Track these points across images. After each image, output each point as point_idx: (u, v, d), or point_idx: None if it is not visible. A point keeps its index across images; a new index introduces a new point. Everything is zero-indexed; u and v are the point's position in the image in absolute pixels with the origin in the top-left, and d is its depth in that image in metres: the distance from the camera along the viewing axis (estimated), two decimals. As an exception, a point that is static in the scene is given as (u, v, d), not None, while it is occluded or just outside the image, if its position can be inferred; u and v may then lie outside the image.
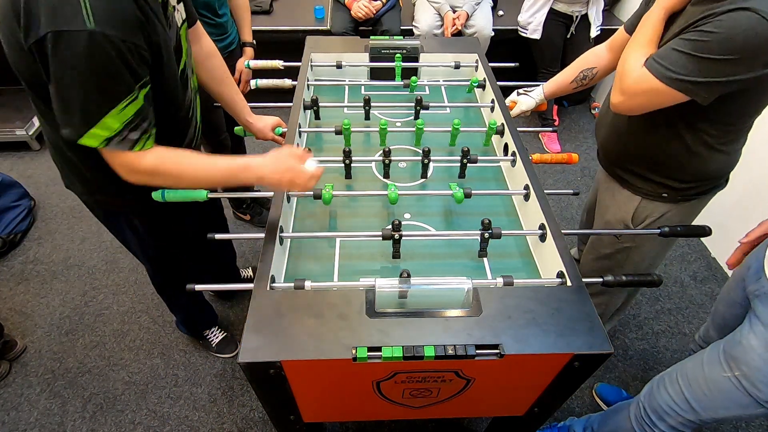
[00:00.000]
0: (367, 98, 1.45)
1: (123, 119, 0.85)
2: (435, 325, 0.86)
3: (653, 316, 2.04)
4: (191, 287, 1.00)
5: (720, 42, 0.87)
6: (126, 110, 0.84)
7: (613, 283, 0.98)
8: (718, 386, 1.04)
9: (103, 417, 1.66)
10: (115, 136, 0.85)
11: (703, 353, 1.11)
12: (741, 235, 1.13)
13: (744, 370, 0.99)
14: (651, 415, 1.18)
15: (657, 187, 1.22)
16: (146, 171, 0.93)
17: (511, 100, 1.54)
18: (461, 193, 1.14)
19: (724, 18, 0.86)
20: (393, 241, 1.07)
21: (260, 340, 0.83)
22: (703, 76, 0.91)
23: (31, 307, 2.01)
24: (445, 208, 1.26)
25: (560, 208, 2.57)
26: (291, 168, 0.98)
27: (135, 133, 0.88)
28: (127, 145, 0.87)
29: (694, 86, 0.93)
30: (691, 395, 1.09)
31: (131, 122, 0.86)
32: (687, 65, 0.92)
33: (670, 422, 1.14)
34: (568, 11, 2.61)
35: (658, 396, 1.17)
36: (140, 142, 0.89)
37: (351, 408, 1.07)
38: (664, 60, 0.95)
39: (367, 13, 2.60)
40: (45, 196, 2.54)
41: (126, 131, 0.86)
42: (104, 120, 0.83)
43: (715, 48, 0.87)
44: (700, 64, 0.90)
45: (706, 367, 1.07)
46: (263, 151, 1.07)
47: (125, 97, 0.83)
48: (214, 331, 1.85)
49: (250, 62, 1.73)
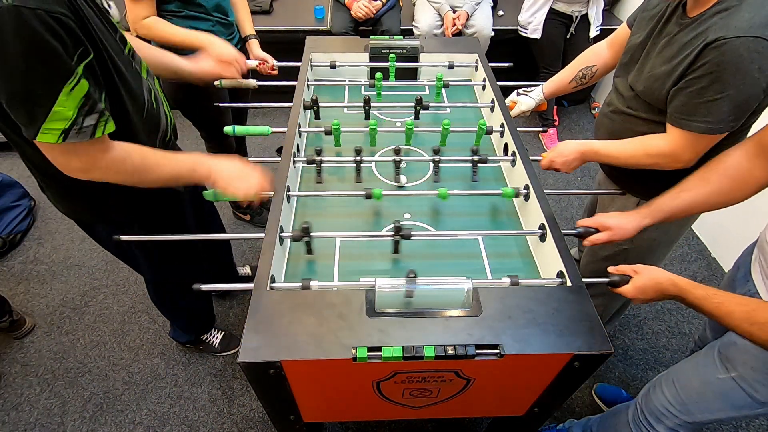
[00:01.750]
0: (367, 98, 1.45)
1: (74, 104, 0.79)
2: (435, 325, 0.86)
3: (653, 316, 2.04)
4: (197, 287, 0.99)
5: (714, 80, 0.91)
6: (74, 93, 0.78)
7: (618, 283, 0.98)
8: (713, 388, 1.04)
9: (103, 417, 1.66)
10: (71, 126, 0.79)
11: (698, 355, 1.11)
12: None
13: (740, 371, 0.99)
14: (648, 417, 1.18)
15: (657, 188, 1.22)
16: (108, 166, 0.89)
17: (510, 101, 1.54)
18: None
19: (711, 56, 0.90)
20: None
21: (260, 340, 0.83)
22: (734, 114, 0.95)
23: (31, 307, 2.01)
24: (445, 209, 1.26)
25: (560, 208, 2.57)
26: (241, 176, 1.05)
27: (90, 118, 0.82)
28: (86, 135, 0.82)
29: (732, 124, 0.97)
30: (686, 397, 1.09)
31: (84, 105, 0.80)
32: (721, 111, 0.94)
33: (667, 424, 1.14)
34: (568, 11, 2.61)
35: (655, 398, 1.17)
36: (99, 127, 0.83)
37: (351, 408, 1.07)
38: (698, 115, 0.97)
39: (367, 13, 2.60)
40: (45, 196, 2.54)
41: (80, 118, 0.80)
42: (55, 109, 0.77)
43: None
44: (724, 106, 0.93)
45: (701, 369, 1.07)
46: (263, 151, 1.06)
47: (69, 77, 0.77)
48: (213, 332, 1.85)
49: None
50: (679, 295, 0.88)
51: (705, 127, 0.97)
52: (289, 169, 1.21)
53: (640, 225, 1.05)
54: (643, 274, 0.94)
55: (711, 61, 0.91)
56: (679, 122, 1.01)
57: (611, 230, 1.05)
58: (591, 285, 0.98)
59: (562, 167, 1.23)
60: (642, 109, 1.13)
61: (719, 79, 0.91)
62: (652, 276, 0.92)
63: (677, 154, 1.04)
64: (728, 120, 0.95)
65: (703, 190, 0.98)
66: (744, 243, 1.16)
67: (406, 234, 1.05)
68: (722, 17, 0.91)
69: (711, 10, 0.94)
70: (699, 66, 0.93)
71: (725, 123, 0.96)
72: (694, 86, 0.95)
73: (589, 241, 1.07)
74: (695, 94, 0.96)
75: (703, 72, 0.93)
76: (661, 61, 1.04)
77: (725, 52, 0.88)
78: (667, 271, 0.92)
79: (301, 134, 1.41)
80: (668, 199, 1.03)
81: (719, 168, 0.97)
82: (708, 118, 0.96)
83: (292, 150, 1.26)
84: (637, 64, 1.14)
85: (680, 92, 0.99)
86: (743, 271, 1.07)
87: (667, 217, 1.04)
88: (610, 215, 1.08)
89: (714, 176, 0.97)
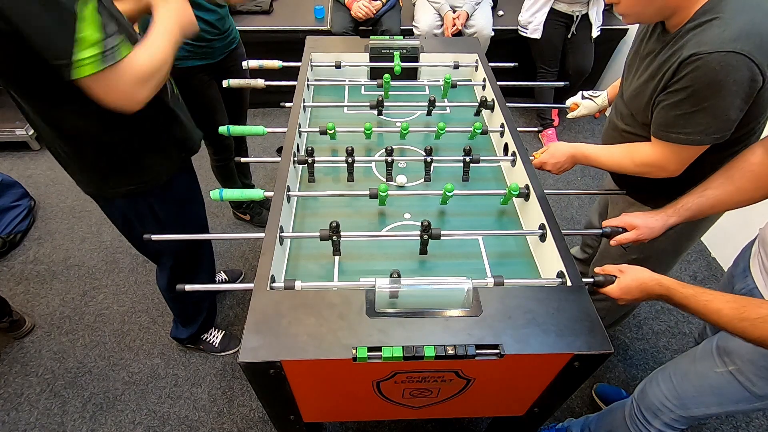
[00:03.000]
0: (380, 99, 1.46)
1: (95, 23, 0.81)
2: (435, 325, 0.86)
3: (653, 316, 2.04)
4: (181, 287, 0.99)
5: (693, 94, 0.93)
6: (87, 10, 0.80)
7: (603, 283, 0.98)
8: (710, 382, 1.04)
9: (103, 417, 1.66)
10: (103, 50, 0.81)
11: (696, 349, 1.12)
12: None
13: (738, 364, 0.99)
14: (644, 412, 1.19)
15: (664, 199, 1.21)
16: (147, 73, 0.91)
17: (573, 102, 1.53)
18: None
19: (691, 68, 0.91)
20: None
21: (260, 340, 0.83)
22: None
23: (31, 307, 2.01)
24: (445, 209, 1.26)
25: (560, 208, 2.57)
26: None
27: (113, 39, 0.84)
28: (117, 55, 0.84)
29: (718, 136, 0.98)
30: (683, 391, 1.10)
31: (103, 24, 0.82)
32: (698, 123, 0.95)
33: (663, 419, 1.15)
34: (568, 11, 2.61)
35: (651, 393, 1.17)
36: (122, 45, 0.85)
37: (351, 408, 1.07)
38: (677, 127, 0.98)
39: (367, 14, 2.60)
40: (45, 196, 2.54)
41: (105, 37, 0.82)
42: (79, 36, 0.78)
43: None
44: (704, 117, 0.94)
45: (698, 363, 1.08)
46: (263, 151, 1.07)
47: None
48: (213, 332, 1.85)
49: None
50: (666, 295, 0.88)
51: (684, 138, 0.99)
52: (289, 169, 1.21)
53: (666, 224, 1.05)
54: (628, 274, 0.94)
55: (686, 77, 0.92)
56: (660, 134, 1.03)
57: (638, 229, 1.06)
58: (594, 291, 0.98)
59: (553, 169, 1.24)
60: (636, 126, 1.14)
61: (695, 93, 0.93)
62: (636, 276, 0.92)
63: (662, 164, 1.06)
64: (709, 132, 0.96)
65: (727, 188, 0.98)
66: (744, 243, 1.16)
67: (435, 234, 1.05)
68: (695, 33, 0.92)
69: (686, 27, 0.95)
70: (676, 81, 0.95)
71: (705, 135, 0.97)
72: (672, 99, 0.97)
73: (616, 241, 1.08)
74: (673, 107, 0.98)
75: (679, 86, 0.95)
76: (646, 77, 1.06)
77: (699, 67, 0.90)
78: (652, 271, 0.92)
79: (301, 134, 1.41)
80: (694, 197, 1.03)
81: (742, 166, 0.97)
82: (687, 129, 0.97)
83: (292, 150, 1.26)
84: (627, 82, 1.17)
85: (659, 105, 1.01)
86: (742, 266, 1.07)
87: (692, 215, 1.04)
88: (636, 215, 1.08)
89: (737, 174, 0.97)
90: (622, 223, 1.08)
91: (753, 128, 1.04)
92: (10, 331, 1.85)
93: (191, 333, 1.78)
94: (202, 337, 1.83)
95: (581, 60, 2.75)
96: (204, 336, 1.83)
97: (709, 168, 1.07)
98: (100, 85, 0.85)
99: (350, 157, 1.27)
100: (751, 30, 0.87)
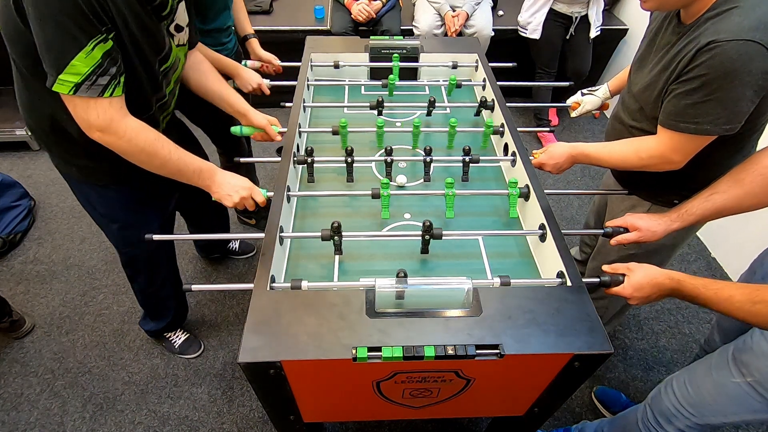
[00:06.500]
0: (380, 99, 1.46)
1: (91, 63, 0.88)
2: (435, 325, 0.86)
3: (653, 316, 2.04)
4: (188, 287, 1.01)
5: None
6: (94, 52, 0.87)
7: (610, 283, 0.98)
8: (727, 391, 1.03)
9: (103, 417, 1.66)
10: (84, 81, 0.88)
11: (711, 357, 1.10)
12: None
13: (756, 376, 0.97)
14: (658, 417, 1.18)
15: (668, 195, 1.21)
16: (124, 132, 0.97)
17: (574, 101, 1.53)
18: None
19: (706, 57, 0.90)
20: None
21: (260, 340, 0.83)
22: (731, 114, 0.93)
23: (31, 307, 2.00)
24: (445, 209, 1.26)
25: (560, 208, 2.57)
26: (239, 192, 1.14)
27: (104, 78, 0.91)
28: (96, 90, 0.91)
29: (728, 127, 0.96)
30: (699, 399, 1.08)
31: (100, 66, 0.89)
32: (709, 113, 0.94)
33: (678, 425, 1.14)
34: (567, 12, 2.61)
35: (666, 399, 1.16)
36: (109, 88, 0.92)
37: (351, 408, 1.07)
38: (687, 117, 0.97)
39: (368, 16, 2.60)
40: (45, 196, 2.54)
41: (94, 76, 0.89)
42: (73, 63, 0.86)
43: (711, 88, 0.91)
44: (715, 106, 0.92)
45: (714, 372, 1.06)
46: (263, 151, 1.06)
47: (93, 37, 0.86)
48: (177, 332, 1.84)
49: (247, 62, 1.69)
50: (676, 288, 0.87)
51: (693, 128, 0.97)
52: (289, 169, 1.21)
53: (669, 229, 1.05)
54: (638, 271, 0.93)
55: (702, 64, 0.91)
56: (668, 124, 1.02)
57: (640, 231, 1.05)
58: (593, 288, 0.98)
59: (552, 170, 1.24)
60: (644, 121, 1.13)
61: (709, 82, 0.91)
62: (647, 272, 0.92)
63: (667, 156, 1.05)
64: (718, 122, 0.95)
65: (735, 192, 0.96)
66: (744, 243, 1.16)
67: (437, 234, 1.05)
68: (714, 22, 0.92)
69: (704, 16, 0.95)
70: (690, 69, 0.94)
71: (715, 125, 0.96)
72: (684, 88, 0.96)
73: (617, 240, 1.08)
74: (684, 96, 0.96)
75: (694, 75, 0.93)
76: (659, 68, 1.05)
77: (716, 55, 0.89)
78: (658, 267, 0.92)
79: (301, 134, 1.41)
80: (699, 201, 1.01)
81: (753, 169, 0.94)
82: (697, 119, 0.96)
83: (292, 150, 1.26)
84: (637, 76, 1.15)
85: (671, 95, 1.00)
86: (760, 274, 1.06)
87: (696, 220, 1.03)
88: (640, 216, 1.08)
89: (748, 177, 0.94)
90: (624, 223, 1.08)
91: (757, 125, 1.03)
92: (10, 331, 1.85)
93: (156, 328, 1.78)
94: (166, 335, 1.82)
95: (579, 63, 2.76)
96: (167, 334, 1.83)
97: (712, 164, 1.07)
98: (69, 103, 0.95)
99: (350, 157, 1.27)
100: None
